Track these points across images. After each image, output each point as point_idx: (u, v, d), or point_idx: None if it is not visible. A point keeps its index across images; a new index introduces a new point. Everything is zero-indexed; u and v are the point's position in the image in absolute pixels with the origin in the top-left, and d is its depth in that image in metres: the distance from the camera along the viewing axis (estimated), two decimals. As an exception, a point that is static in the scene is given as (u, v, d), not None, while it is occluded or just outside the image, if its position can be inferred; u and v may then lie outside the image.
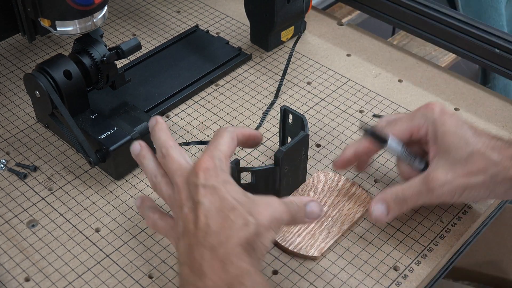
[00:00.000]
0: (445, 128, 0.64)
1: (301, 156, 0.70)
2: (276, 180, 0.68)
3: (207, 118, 0.84)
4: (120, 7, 1.03)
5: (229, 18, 1.00)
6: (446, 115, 0.65)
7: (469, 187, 0.63)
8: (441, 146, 0.64)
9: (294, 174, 0.70)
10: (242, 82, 0.89)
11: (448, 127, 0.64)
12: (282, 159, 0.66)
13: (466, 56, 0.92)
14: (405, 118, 0.67)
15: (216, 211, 0.55)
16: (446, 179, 0.62)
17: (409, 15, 0.96)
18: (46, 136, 0.80)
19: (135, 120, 0.75)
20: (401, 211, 0.66)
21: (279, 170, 0.67)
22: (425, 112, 0.66)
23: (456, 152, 0.62)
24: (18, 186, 0.74)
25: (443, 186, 0.63)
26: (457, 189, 0.63)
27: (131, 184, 0.75)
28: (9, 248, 0.68)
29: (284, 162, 0.67)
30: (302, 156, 0.70)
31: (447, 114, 0.65)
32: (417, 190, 0.64)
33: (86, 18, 0.71)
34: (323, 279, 0.66)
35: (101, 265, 0.67)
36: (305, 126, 0.69)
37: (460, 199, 0.64)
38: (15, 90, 0.87)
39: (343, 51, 0.94)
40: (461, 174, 0.62)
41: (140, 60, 0.90)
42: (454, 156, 0.62)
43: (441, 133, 0.64)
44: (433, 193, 0.64)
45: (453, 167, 0.62)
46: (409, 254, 0.68)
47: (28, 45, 0.94)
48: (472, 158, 0.62)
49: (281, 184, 0.69)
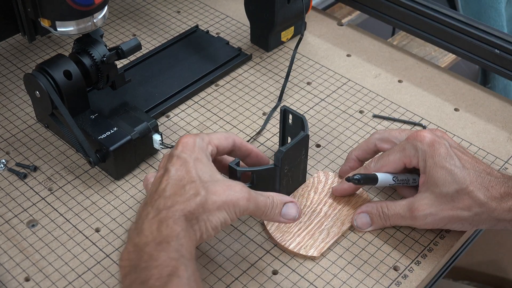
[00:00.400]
0: (434, 161, 0.64)
1: (301, 157, 0.70)
2: (276, 180, 0.68)
3: (207, 118, 0.84)
4: (120, 7, 1.03)
5: (229, 18, 1.00)
6: (435, 145, 0.65)
7: (452, 220, 0.64)
8: (429, 178, 0.65)
9: (294, 174, 0.70)
10: (242, 82, 0.89)
11: (436, 159, 0.64)
12: (282, 159, 0.66)
13: (466, 56, 0.92)
14: (396, 150, 0.68)
15: (176, 180, 0.59)
16: (430, 212, 0.64)
17: (409, 15, 0.96)
18: (46, 136, 0.80)
19: (135, 120, 0.75)
20: (383, 226, 0.69)
21: (279, 170, 0.67)
22: (415, 142, 0.66)
23: (443, 187, 0.63)
24: (18, 186, 0.74)
25: (426, 217, 0.65)
26: (440, 222, 0.65)
27: (131, 184, 0.75)
28: (9, 248, 0.68)
29: (284, 162, 0.67)
30: (302, 156, 0.70)
31: (436, 144, 0.65)
32: (401, 214, 0.66)
33: (86, 18, 0.71)
34: (323, 279, 0.66)
35: (101, 265, 0.67)
36: (305, 126, 0.69)
37: (443, 227, 0.66)
38: (15, 90, 0.87)
39: (343, 52, 0.94)
40: (446, 209, 0.64)
41: (140, 60, 0.90)
42: (441, 190, 0.64)
43: (430, 166, 0.65)
44: (416, 221, 0.66)
45: (438, 201, 0.64)
46: (409, 254, 0.68)
47: (28, 45, 0.94)
48: (458, 196, 0.63)
49: (281, 184, 0.69)
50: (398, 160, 0.67)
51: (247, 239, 0.69)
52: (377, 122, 0.83)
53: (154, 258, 0.54)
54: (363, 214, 0.69)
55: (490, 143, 0.80)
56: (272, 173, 0.67)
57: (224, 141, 0.66)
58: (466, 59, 0.93)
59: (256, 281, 0.65)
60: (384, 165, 0.68)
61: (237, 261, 0.67)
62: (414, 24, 0.96)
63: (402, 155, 0.67)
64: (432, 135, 0.66)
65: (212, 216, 0.58)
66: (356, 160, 0.73)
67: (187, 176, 0.59)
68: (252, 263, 0.67)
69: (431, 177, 0.64)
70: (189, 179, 0.59)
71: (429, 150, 0.65)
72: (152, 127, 0.75)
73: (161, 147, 0.76)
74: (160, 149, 0.78)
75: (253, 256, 0.68)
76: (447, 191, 0.63)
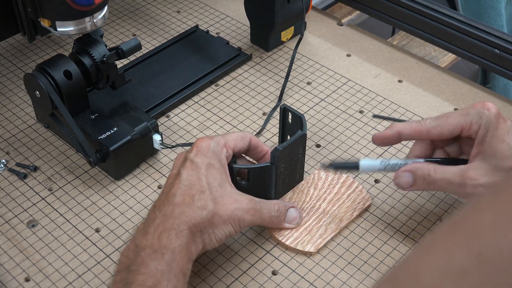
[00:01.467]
0: (496, 133, 0.63)
1: (298, 155, 0.70)
2: (272, 179, 0.68)
3: (207, 118, 0.84)
4: (120, 7, 1.03)
5: (229, 18, 1.00)
6: (501, 119, 0.64)
7: None
8: (487, 148, 0.63)
9: (290, 173, 0.70)
10: (242, 82, 0.89)
11: (500, 132, 0.63)
12: (278, 157, 0.66)
13: (466, 56, 0.92)
14: (458, 113, 0.66)
15: (186, 186, 0.60)
16: (483, 182, 0.62)
17: (409, 15, 0.96)
18: (46, 136, 0.80)
19: (135, 120, 0.75)
20: (425, 189, 0.66)
21: (275, 168, 0.67)
22: (482, 110, 0.65)
23: (501, 159, 0.62)
24: (18, 186, 0.74)
25: (476, 187, 0.62)
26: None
27: (131, 184, 0.75)
28: (9, 248, 0.68)
29: (281, 160, 0.67)
30: (299, 155, 0.70)
31: (502, 118, 0.64)
32: (450, 180, 0.64)
33: (86, 18, 0.71)
34: (323, 280, 0.66)
35: (101, 265, 0.67)
36: (303, 125, 0.69)
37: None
38: (15, 90, 0.87)
39: (343, 51, 0.94)
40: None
41: (140, 60, 0.90)
42: (498, 163, 0.62)
43: (491, 136, 0.63)
44: (464, 189, 0.63)
45: (493, 173, 0.62)
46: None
47: (28, 45, 0.94)
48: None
49: (277, 182, 0.69)
50: (457, 124, 0.65)
51: (247, 240, 0.69)
52: (377, 122, 0.83)
53: (145, 265, 0.55)
54: (407, 172, 0.65)
55: (490, 143, 0.80)
56: (268, 171, 0.67)
57: (240, 142, 0.66)
58: (466, 59, 0.93)
59: (256, 281, 0.65)
60: (440, 125, 0.66)
61: (237, 262, 0.67)
62: (414, 24, 0.96)
63: (463, 119, 0.65)
64: (498, 109, 0.65)
65: (218, 230, 0.60)
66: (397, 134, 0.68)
67: (197, 184, 0.60)
68: (252, 263, 0.67)
69: (490, 148, 0.63)
70: (199, 187, 0.60)
71: (495, 121, 0.64)
72: (152, 127, 0.75)
73: (161, 147, 0.76)
74: (160, 149, 0.78)
75: (253, 257, 0.68)
76: (504, 164, 0.62)
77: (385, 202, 0.73)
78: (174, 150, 0.79)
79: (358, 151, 0.79)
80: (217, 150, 0.63)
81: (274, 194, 0.69)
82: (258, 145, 0.69)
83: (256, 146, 0.68)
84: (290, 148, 0.68)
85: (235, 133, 0.66)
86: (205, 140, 0.63)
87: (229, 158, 0.65)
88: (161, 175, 0.76)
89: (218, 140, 0.63)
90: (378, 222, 0.71)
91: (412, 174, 0.65)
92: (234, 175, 0.66)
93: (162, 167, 0.77)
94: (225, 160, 0.64)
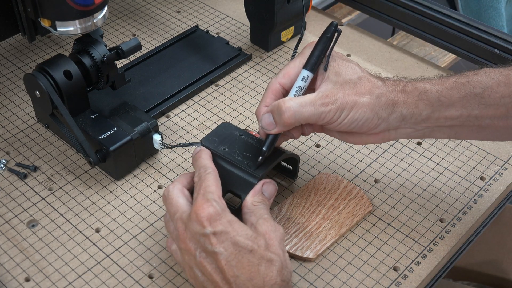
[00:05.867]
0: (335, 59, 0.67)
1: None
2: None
3: (207, 118, 0.84)
4: (120, 7, 1.03)
5: (229, 18, 1.00)
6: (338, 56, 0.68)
7: (356, 105, 0.64)
8: (331, 71, 0.66)
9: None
10: (242, 82, 0.89)
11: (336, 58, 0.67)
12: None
13: (466, 56, 0.92)
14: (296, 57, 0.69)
15: (235, 258, 0.57)
16: (338, 96, 0.64)
17: (409, 15, 0.96)
18: (46, 136, 0.80)
19: (135, 120, 0.75)
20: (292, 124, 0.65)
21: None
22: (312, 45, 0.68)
23: (345, 75, 0.65)
24: (18, 186, 0.74)
25: (336, 101, 0.64)
26: (346, 105, 0.64)
27: (131, 184, 0.75)
28: (9, 248, 0.68)
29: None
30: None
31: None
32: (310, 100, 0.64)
33: (86, 18, 0.71)
34: (323, 280, 0.66)
35: (101, 265, 0.67)
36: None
37: (347, 118, 0.64)
38: (15, 90, 0.87)
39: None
40: (351, 93, 0.64)
41: (140, 60, 0.90)
42: (344, 78, 0.65)
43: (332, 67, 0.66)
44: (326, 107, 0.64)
45: (343, 86, 0.65)
46: (409, 255, 0.68)
47: (28, 45, 0.94)
48: (360, 81, 0.65)
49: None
50: (299, 63, 0.67)
51: (247, 239, 0.69)
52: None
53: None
54: (266, 114, 0.66)
55: (490, 143, 0.80)
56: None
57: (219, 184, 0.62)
58: (466, 59, 0.93)
59: (256, 281, 0.65)
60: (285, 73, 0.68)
61: (237, 261, 0.67)
62: (414, 24, 0.96)
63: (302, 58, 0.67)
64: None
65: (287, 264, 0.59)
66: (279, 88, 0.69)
67: (240, 249, 0.57)
68: (252, 263, 0.67)
69: (333, 70, 0.66)
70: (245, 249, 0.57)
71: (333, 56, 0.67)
72: (152, 127, 0.75)
73: (161, 147, 0.76)
74: (160, 149, 0.78)
75: (253, 256, 0.68)
76: (349, 78, 0.65)
77: (385, 202, 0.73)
78: (174, 150, 0.79)
79: (358, 151, 0.79)
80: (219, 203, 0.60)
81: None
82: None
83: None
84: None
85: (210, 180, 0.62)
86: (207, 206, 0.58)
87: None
88: (161, 175, 0.76)
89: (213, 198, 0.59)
90: (378, 222, 0.71)
91: (270, 114, 0.65)
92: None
93: (162, 167, 0.77)
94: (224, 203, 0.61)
